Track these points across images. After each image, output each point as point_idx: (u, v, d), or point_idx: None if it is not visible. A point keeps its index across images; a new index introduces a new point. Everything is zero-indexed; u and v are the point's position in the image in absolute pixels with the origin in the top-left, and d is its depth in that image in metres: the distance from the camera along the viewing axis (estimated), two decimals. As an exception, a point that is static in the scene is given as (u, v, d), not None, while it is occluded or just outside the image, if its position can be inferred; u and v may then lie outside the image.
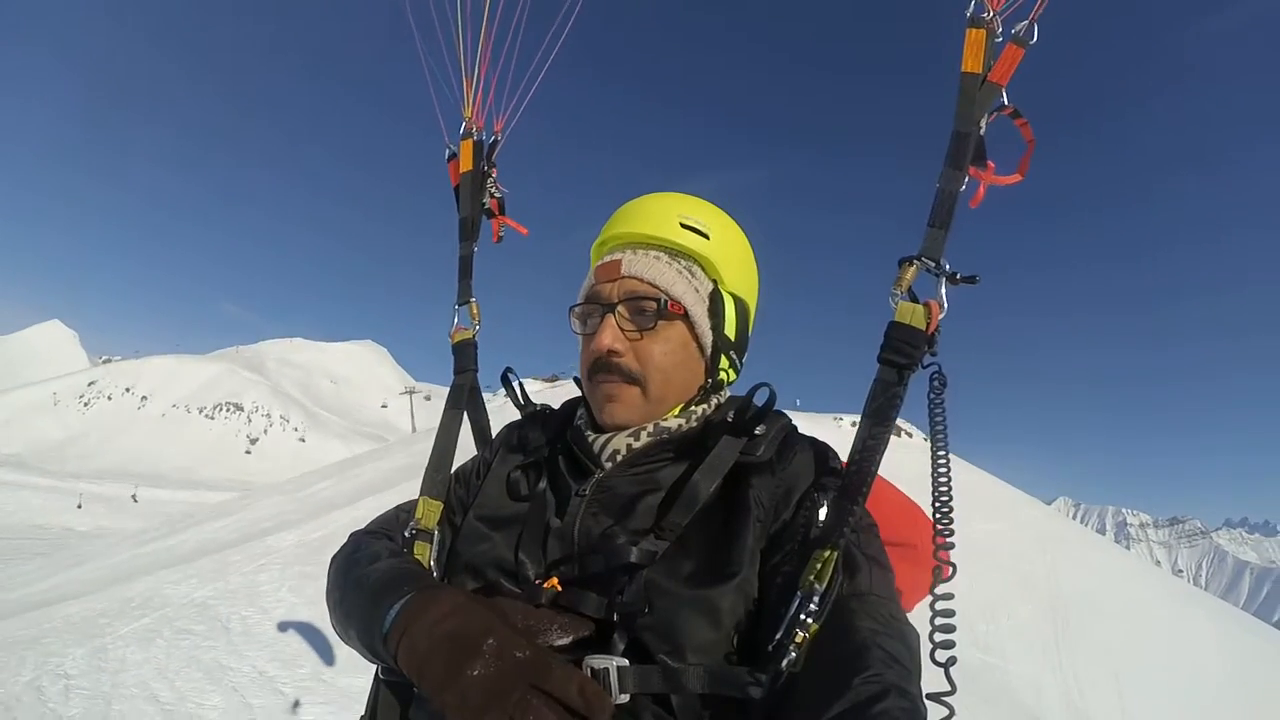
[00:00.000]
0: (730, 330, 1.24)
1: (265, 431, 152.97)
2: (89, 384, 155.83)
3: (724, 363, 1.25)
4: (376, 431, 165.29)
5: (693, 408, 1.24)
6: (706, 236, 1.23)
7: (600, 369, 1.21)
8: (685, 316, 1.21)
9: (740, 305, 1.28)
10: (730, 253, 1.27)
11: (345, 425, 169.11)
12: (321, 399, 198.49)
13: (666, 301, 1.19)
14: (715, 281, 1.25)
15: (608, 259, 1.26)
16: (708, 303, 1.23)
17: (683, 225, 1.23)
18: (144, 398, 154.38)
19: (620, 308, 1.21)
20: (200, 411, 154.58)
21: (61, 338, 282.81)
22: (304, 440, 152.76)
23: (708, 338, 1.23)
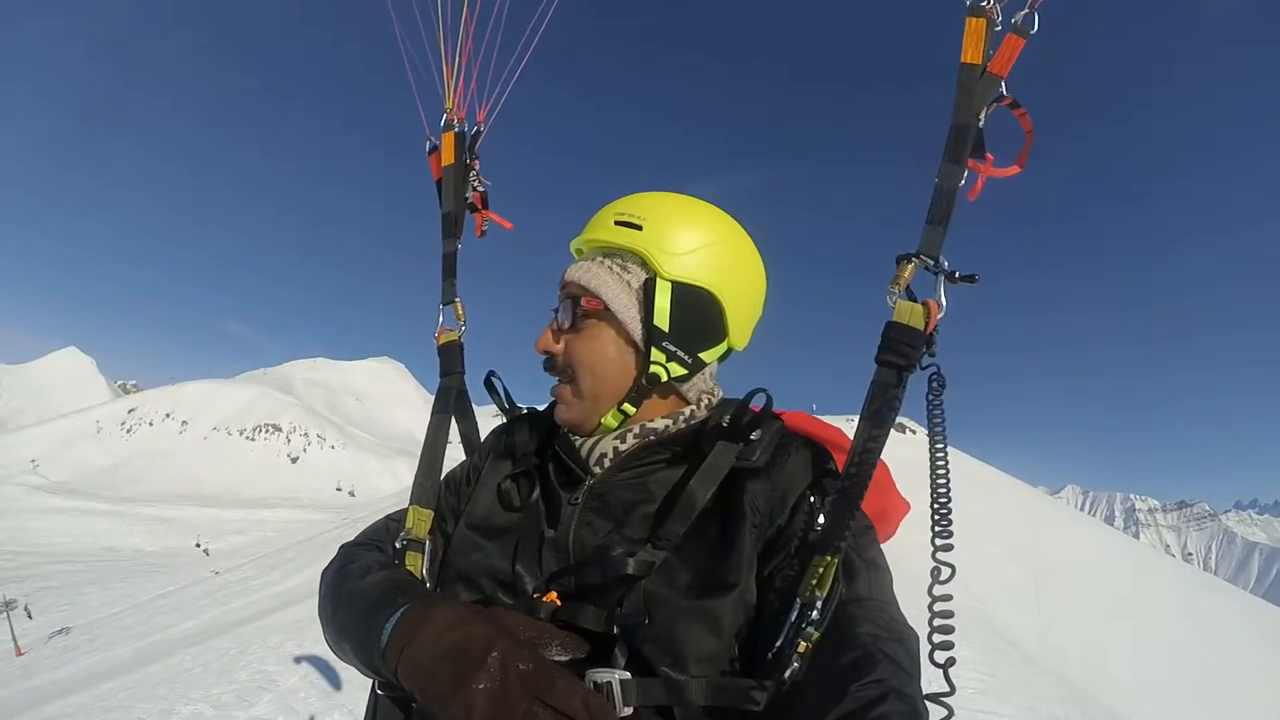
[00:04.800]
0: (662, 320, 1.16)
1: (305, 450, 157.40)
2: (129, 411, 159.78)
3: (657, 355, 1.17)
4: (404, 445, 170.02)
5: (682, 408, 1.22)
6: (639, 228, 1.19)
7: (546, 370, 1.25)
8: (606, 311, 1.18)
9: (687, 292, 1.18)
10: (674, 240, 1.19)
11: (376, 441, 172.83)
12: (350, 416, 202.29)
13: (584, 299, 1.19)
14: (654, 273, 1.18)
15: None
16: (641, 295, 1.18)
17: (616, 223, 1.22)
18: (184, 422, 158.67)
19: (558, 312, 1.23)
20: (241, 434, 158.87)
21: (80, 364, 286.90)
22: (342, 457, 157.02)
23: (636, 330, 1.18)
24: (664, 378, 1.19)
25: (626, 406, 1.19)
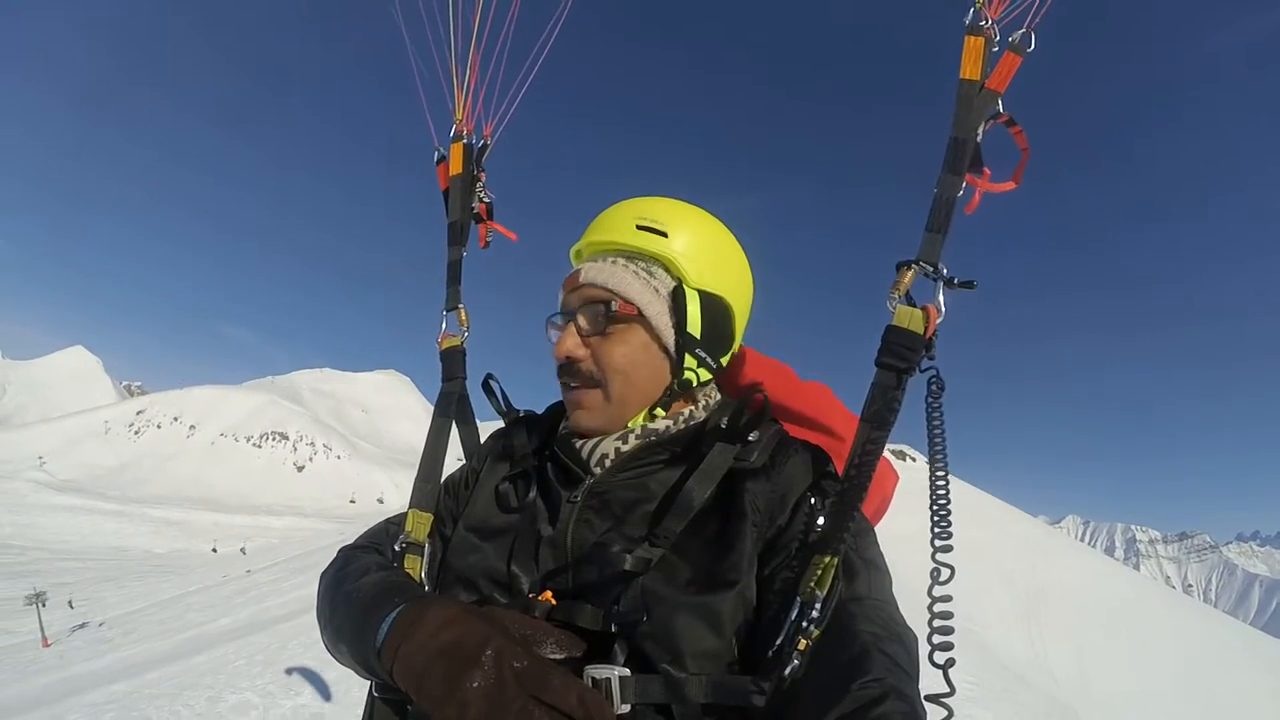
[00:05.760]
0: (694, 328, 1.18)
1: (311, 459, 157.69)
2: (137, 412, 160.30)
3: (690, 362, 1.19)
4: (407, 459, 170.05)
5: (682, 409, 1.23)
6: (665, 235, 1.19)
7: (564, 374, 1.21)
8: (640, 317, 1.17)
9: (711, 301, 1.20)
10: (697, 248, 1.20)
11: (381, 453, 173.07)
12: (355, 427, 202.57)
13: (616, 303, 1.17)
14: (679, 280, 1.19)
15: (571, 271, 1.27)
16: (670, 302, 1.18)
17: (639, 227, 1.21)
18: (192, 426, 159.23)
19: (580, 314, 1.20)
20: (248, 440, 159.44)
21: (87, 363, 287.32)
22: (347, 468, 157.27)
23: (669, 337, 1.18)
24: (695, 383, 1.21)
25: (658, 410, 1.21)
